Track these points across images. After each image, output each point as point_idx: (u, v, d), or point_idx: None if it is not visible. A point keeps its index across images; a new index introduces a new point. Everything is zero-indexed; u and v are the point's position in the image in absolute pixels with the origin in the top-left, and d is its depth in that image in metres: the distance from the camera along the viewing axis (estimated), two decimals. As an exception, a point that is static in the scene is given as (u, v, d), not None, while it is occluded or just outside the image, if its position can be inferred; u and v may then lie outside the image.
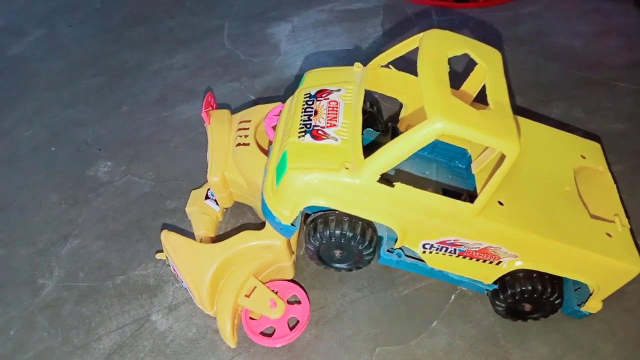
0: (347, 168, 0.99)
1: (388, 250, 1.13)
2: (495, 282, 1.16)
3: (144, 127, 1.79)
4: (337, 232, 1.08)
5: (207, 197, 1.45)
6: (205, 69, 1.97)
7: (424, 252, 1.11)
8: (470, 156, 1.36)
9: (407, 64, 1.25)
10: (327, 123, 1.07)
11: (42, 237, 1.51)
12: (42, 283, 1.41)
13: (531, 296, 1.12)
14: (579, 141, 1.29)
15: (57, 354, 1.27)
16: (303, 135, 1.06)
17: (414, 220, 1.04)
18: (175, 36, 2.13)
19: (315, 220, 1.10)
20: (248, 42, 2.06)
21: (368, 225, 1.10)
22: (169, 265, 1.32)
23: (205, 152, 1.41)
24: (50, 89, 1.97)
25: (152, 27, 2.18)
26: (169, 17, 2.22)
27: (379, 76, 1.22)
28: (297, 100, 1.17)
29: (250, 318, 1.23)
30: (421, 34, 1.08)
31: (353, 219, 1.08)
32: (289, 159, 1.03)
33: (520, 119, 1.24)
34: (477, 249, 1.08)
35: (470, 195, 1.15)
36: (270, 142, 1.33)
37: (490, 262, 1.11)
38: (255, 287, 1.21)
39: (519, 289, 1.12)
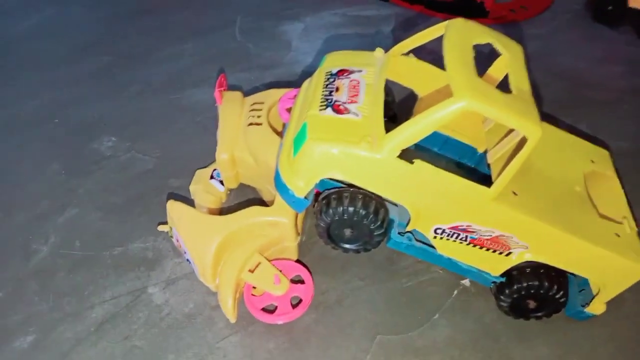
0: (368, 142, 0.99)
1: (399, 233, 1.12)
2: (502, 276, 1.16)
3: (151, 107, 1.78)
4: (350, 209, 1.07)
5: (211, 177, 1.44)
6: (216, 58, 1.98)
7: (435, 237, 1.11)
8: (479, 155, 1.38)
9: (427, 54, 1.27)
10: (349, 99, 1.07)
11: (39, 205, 1.48)
12: (36, 248, 1.38)
13: (537, 292, 1.12)
14: (589, 147, 1.31)
15: (47, 319, 1.24)
16: (324, 109, 1.06)
17: (430, 200, 1.04)
18: (187, 26, 2.14)
19: (329, 197, 1.09)
20: (259, 37, 2.08)
21: (381, 205, 1.09)
22: (172, 237, 1.30)
23: (213, 135, 1.40)
24: (57, 65, 1.96)
25: (165, 15, 2.19)
26: (183, 7, 2.23)
27: (397, 64, 1.23)
28: (317, 79, 1.17)
29: (252, 295, 1.21)
30: (446, 22, 1.10)
31: (367, 197, 1.07)
32: (308, 130, 1.02)
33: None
34: (488, 237, 1.08)
35: None
36: (284, 124, 1.33)
37: (500, 253, 1.11)
38: (260, 262, 1.19)
39: (526, 284, 1.11)
